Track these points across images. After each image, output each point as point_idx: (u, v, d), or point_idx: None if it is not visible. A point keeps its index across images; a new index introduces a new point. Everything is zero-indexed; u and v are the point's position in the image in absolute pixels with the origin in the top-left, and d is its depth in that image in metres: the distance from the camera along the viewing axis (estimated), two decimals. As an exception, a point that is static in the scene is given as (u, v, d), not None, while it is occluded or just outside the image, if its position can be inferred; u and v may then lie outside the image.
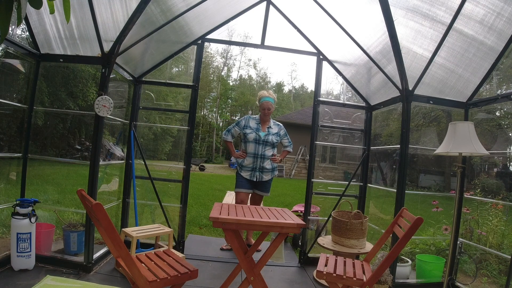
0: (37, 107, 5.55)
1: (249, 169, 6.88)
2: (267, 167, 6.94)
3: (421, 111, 21.34)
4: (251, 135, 6.83)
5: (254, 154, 6.83)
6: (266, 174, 6.97)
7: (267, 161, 6.92)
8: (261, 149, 6.84)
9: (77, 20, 5.01)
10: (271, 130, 6.99)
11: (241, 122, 7.06)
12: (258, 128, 6.91)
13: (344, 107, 6.94)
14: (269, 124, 7.03)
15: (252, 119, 7.04)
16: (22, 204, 4.90)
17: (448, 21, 4.70)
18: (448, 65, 5.30)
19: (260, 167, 6.87)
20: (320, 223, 6.98)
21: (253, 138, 6.81)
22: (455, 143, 4.49)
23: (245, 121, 7.03)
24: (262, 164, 6.87)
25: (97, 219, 3.01)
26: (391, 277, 5.01)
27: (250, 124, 6.97)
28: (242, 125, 7.01)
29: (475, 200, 6.45)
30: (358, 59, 6.24)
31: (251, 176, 6.88)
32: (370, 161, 6.97)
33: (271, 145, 6.93)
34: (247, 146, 6.92)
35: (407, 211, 4.40)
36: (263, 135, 6.86)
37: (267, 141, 6.85)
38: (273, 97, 7.02)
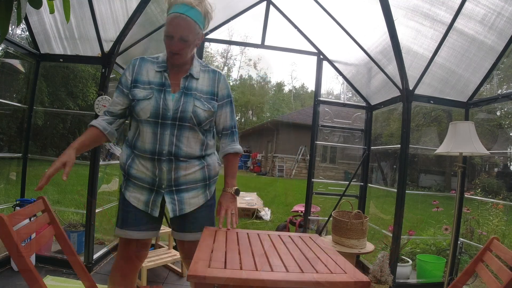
0: (37, 107, 5.54)
1: (143, 186, 2.91)
2: (191, 177, 2.95)
3: (422, 111, 21.41)
4: (145, 103, 2.78)
5: (153, 151, 2.80)
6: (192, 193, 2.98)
7: (189, 165, 2.91)
8: (169, 139, 2.79)
9: (77, 20, 5.01)
10: (195, 85, 2.92)
11: (123, 76, 2.94)
12: (163, 83, 2.84)
13: (344, 107, 6.91)
14: (188, 72, 2.91)
15: (150, 63, 2.92)
16: (22, 204, 4.91)
17: (448, 21, 4.71)
18: (449, 65, 5.30)
19: (170, 181, 2.87)
20: (321, 223, 6.97)
21: (151, 110, 2.77)
22: (456, 143, 4.49)
23: (133, 68, 2.91)
24: (176, 172, 2.86)
25: None
26: (392, 277, 5.01)
27: (145, 74, 2.88)
28: (127, 82, 2.90)
29: (475, 200, 6.45)
30: (358, 59, 6.24)
31: (147, 204, 2.91)
32: (371, 161, 6.96)
33: (196, 124, 2.85)
34: (139, 131, 2.88)
35: (498, 243, 2.83)
36: (174, 98, 2.82)
37: (184, 115, 2.80)
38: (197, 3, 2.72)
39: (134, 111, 2.83)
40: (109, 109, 2.98)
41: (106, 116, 2.99)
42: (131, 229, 2.94)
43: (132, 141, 2.94)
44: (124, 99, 2.92)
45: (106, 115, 2.99)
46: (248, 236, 2.93)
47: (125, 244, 3.00)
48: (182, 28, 2.67)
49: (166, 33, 2.70)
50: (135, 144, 2.90)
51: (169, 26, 2.68)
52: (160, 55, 2.98)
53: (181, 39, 2.69)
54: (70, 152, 2.62)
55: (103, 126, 2.91)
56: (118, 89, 2.96)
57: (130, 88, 2.87)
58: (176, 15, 2.64)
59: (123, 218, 2.98)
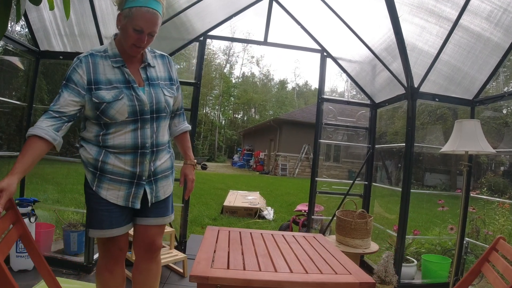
0: (36, 105, 5.56)
1: (122, 181, 2.84)
2: (165, 166, 3.08)
3: (427, 109, 21.39)
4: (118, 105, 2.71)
5: (135, 146, 2.80)
6: (165, 181, 3.11)
7: (162, 154, 3.05)
8: (150, 131, 2.86)
9: (77, 17, 5.01)
10: (155, 73, 2.99)
11: (75, 74, 2.71)
12: (126, 79, 2.79)
13: (348, 104, 6.91)
14: (145, 61, 2.95)
15: (102, 59, 2.79)
16: (21, 203, 4.90)
17: (454, 17, 4.69)
18: (454, 62, 5.29)
19: (151, 171, 2.94)
20: (324, 222, 6.98)
21: (128, 110, 2.73)
22: (461, 141, 4.48)
23: (87, 66, 2.73)
24: (154, 163, 2.96)
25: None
26: (396, 277, 5.01)
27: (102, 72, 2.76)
28: (82, 81, 2.71)
29: (481, 199, 6.45)
30: (362, 56, 6.23)
31: (127, 198, 2.88)
32: (375, 159, 6.95)
33: (168, 112, 3.04)
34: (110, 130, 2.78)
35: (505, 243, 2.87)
36: (145, 92, 2.85)
37: (159, 107, 2.90)
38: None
39: (105, 115, 2.71)
40: (60, 109, 2.68)
41: (53, 119, 2.66)
42: (113, 227, 2.88)
43: (98, 139, 2.81)
44: (80, 100, 2.72)
45: (54, 117, 2.66)
46: (251, 236, 2.97)
47: (108, 243, 2.96)
48: (153, 24, 2.70)
49: (136, 27, 2.65)
50: (106, 142, 2.80)
51: (139, 21, 2.64)
52: (105, 47, 2.88)
53: (150, 34, 2.73)
54: (11, 181, 2.35)
55: (52, 136, 2.62)
56: (68, 88, 2.71)
57: (87, 90, 2.71)
58: (149, 10, 2.63)
59: (100, 218, 2.87)
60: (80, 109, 2.76)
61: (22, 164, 2.47)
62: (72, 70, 2.72)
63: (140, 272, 3.16)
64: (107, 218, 2.85)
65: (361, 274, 2.35)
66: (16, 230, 2.44)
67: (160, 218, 3.10)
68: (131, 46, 2.75)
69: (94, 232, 2.87)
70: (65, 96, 2.68)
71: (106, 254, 3.01)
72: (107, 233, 2.86)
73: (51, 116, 2.65)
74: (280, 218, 11.09)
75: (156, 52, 3.14)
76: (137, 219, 3.06)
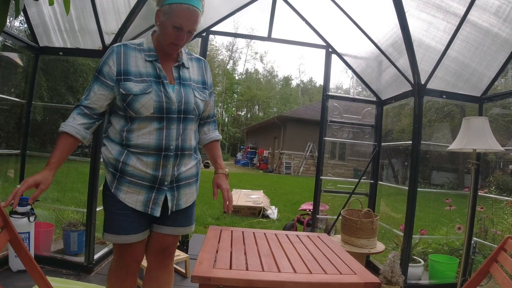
0: (36, 102, 5.56)
1: (142, 184, 2.74)
2: (189, 173, 2.96)
3: (434, 106, 21.34)
4: (145, 98, 2.63)
5: (159, 148, 2.70)
6: (188, 189, 2.99)
7: (188, 160, 2.94)
8: (176, 133, 2.75)
9: (77, 12, 5.01)
10: (188, 74, 2.93)
11: (105, 66, 2.68)
12: (157, 74, 2.74)
13: (354, 101, 6.90)
14: (179, 61, 2.89)
15: (135, 51, 2.75)
16: (20, 202, 4.89)
17: (461, 13, 4.68)
18: (462, 58, 5.28)
19: (174, 177, 2.83)
20: (329, 222, 6.97)
21: (154, 106, 2.65)
22: (469, 139, 4.48)
23: (118, 57, 2.69)
24: (178, 168, 2.85)
25: None
26: (403, 278, 5.00)
27: (133, 64, 2.71)
28: (111, 73, 2.67)
29: (489, 198, 6.43)
30: (368, 52, 6.23)
31: (147, 203, 2.77)
32: (381, 157, 6.95)
33: (197, 115, 2.93)
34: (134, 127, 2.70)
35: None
36: (175, 90, 2.77)
37: (188, 107, 2.80)
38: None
39: (131, 108, 2.64)
40: (90, 105, 2.72)
41: (85, 116, 2.72)
42: (129, 233, 2.77)
43: (122, 137, 2.74)
44: (109, 93, 2.71)
45: (85, 115, 2.71)
46: (254, 236, 2.95)
47: (122, 250, 2.85)
48: (193, 22, 2.65)
49: (175, 24, 2.59)
50: (129, 140, 2.71)
51: (179, 18, 2.58)
52: (142, 41, 2.83)
53: (190, 31, 2.69)
54: (47, 175, 2.52)
55: (82, 135, 2.70)
56: (98, 81, 2.71)
57: (116, 81, 2.67)
58: (189, 7, 2.57)
59: (116, 223, 2.78)
60: (110, 102, 2.77)
61: (58, 159, 2.60)
62: (104, 61, 2.70)
63: (151, 279, 3.09)
64: (123, 223, 2.76)
65: (366, 274, 2.33)
66: (5, 235, 2.42)
67: (179, 228, 3.01)
68: (170, 44, 2.71)
69: (108, 237, 2.79)
70: (95, 90, 2.70)
71: (119, 261, 2.92)
72: (122, 239, 2.76)
73: (83, 112, 2.70)
74: (284, 218, 11.11)
75: (192, 55, 3.10)
76: (153, 225, 2.96)
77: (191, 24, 2.64)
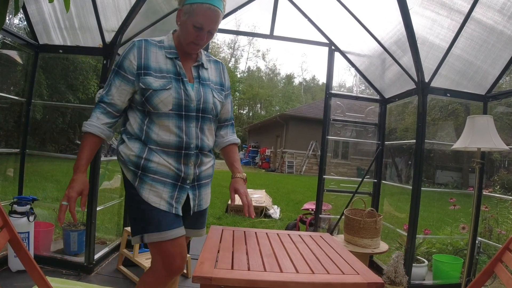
0: (35, 100, 5.54)
1: (166, 182, 2.69)
2: (207, 172, 2.98)
3: (438, 104, 21.34)
4: (165, 94, 2.64)
5: (179, 146, 2.69)
6: (208, 189, 3.06)
7: (207, 159, 2.95)
8: (195, 132, 2.76)
9: (77, 9, 5.02)
10: (207, 75, 2.96)
11: (125, 61, 2.69)
12: (177, 71, 2.76)
13: (357, 100, 6.90)
14: (200, 61, 2.92)
15: (156, 47, 2.78)
16: (19, 202, 4.90)
17: (466, 10, 4.67)
18: (466, 56, 5.28)
19: (196, 175, 2.84)
20: (332, 221, 6.97)
21: (173, 102, 2.66)
22: (474, 138, 4.47)
23: (139, 52, 2.70)
24: (199, 167, 2.86)
25: None
26: (407, 278, 5.01)
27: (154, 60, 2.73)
28: (132, 67, 2.67)
29: (494, 197, 6.43)
30: (371, 50, 6.22)
31: (171, 201, 2.69)
32: (385, 156, 6.94)
33: (215, 115, 2.95)
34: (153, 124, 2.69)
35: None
36: (194, 88, 2.79)
37: (206, 107, 2.81)
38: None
39: (150, 103, 2.63)
40: (112, 101, 2.68)
41: (108, 115, 2.69)
42: (173, 227, 2.65)
43: (142, 134, 2.70)
44: (131, 88, 2.69)
45: (108, 113, 2.69)
46: (256, 236, 2.94)
47: (170, 246, 2.65)
48: (214, 22, 2.66)
49: (196, 23, 2.61)
50: (150, 137, 2.67)
51: (200, 17, 2.59)
52: (163, 39, 2.86)
53: (210, 32, 2.70)
54: (83, 178, 2.57)
55: (106, 135, 2.71)
56: (119, 76, 2.69)
57: (137, 75, 2.66)
58: (210, 7, 2.57)
59: (156, 218, 2.63)
60: (130, 98, 2.76)
61: (87, 161, 2.63)
62: (124, 56, 2.70)
63: None
64: (163, 217, 2.64)
65: (369, 274, 2.31)
66: (4, 235, 2.38)
67: (196, 230, 3.02)
68: (190, 43, 2.72)
69: (152, 237, 2.60)
70: (116, 85, 2.68)
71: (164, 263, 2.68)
72: (168, 235, 2.62)
73: (106, 111, 2.68)
74: (287, 217, 11.12)
75: (211, 57, 3.13)
76: None
77: (212, 24, 2.66)
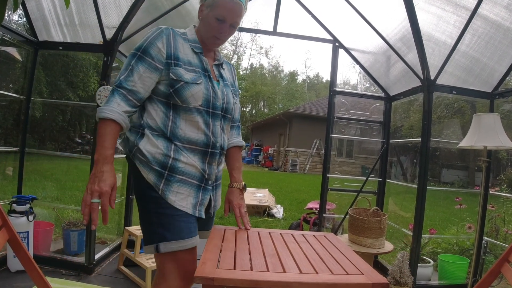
0: (35, 98, 5.54)
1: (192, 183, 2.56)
2: (221, 172, 2.94)
3: (444, 102, 21.33)
4: (196, 88, 2.52)
5: (206, 144, 2.60)
6: (219, 189, 2.98)
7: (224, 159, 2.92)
8: (220, 130, 2.71)
9: (77, 5, 5.02)
10: (225, 75, 2.92)
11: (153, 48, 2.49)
12: (204, 67, 2.67)
13: (361, 97, 6.88)
14: (220, 60, 2.91)
15: (181, 39, 2.68)
16: (19, 201, 4.90)
17: (472, 6, 4.66)
18: (472, 53, 5.27)
19: (216, 175, 2.78)
20: (336, 221, 6.96)
21: (203, 98, 2.56)
22: (480, 136, 4.47)
23: (168, 40, 2.56)
24: (218, 167, 2.81)
25: None
26: (412, 279, 5.00)
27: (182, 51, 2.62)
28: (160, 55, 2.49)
29: (501, 196, 6.42)
30: (376, 47, 6.21)
31: (195, 205, 2.58)
32: (390, 155, 6.93)
33: (232, 116, 2.91)
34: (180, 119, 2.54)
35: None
36: (219, 87, 2.74)
37: (228, 107, 2.78)
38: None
39: (179, 95, 2.48)
40: (133, 88, 2.43)
41: (128, 103, 2.42)
42: (192, 235, 2.53)
43: (166, 129, 2.51)
44: (157, 76, 2.50)
45: (128, 101, 2.42)
46: (259, 235, 2.91)
47: (188, 255, 2.56)
48: (236, 15, 2.61)
49: (218, 16, 2.55)
50: (175, 134, 2.51)
51: (224, 10, 2.55)
52: (185, 31, 2.77)
53: (232, 25, 2.66)
54: (114, 171, 2.34)
55: (127, 125, 2.45)
56: (144, 62, 2.47)
57: (166, 64, 2.50)
58: (234, 1, 2.55)
59: (178, 226, 2.47)
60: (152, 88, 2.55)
61: (113, 150, 2.36)
62: (150, 42, 2.51)
63: None
64: (185, 224, 2.50)
65: (374, 274, 2.25)
66: (3, 234, 2.37)
67: (206, 231, 2.92)
68: (211, 37, 2.68)
69: (172, 245, 2.43)
70: (140, 71, 2.45)
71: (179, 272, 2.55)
72: (189, 243, 2.50)
73: (126, 98, 2.41)
74: (290, 217, 11.11)
75: (222, 58, 3.01)
76: None
77: (235, 17, 2.61)
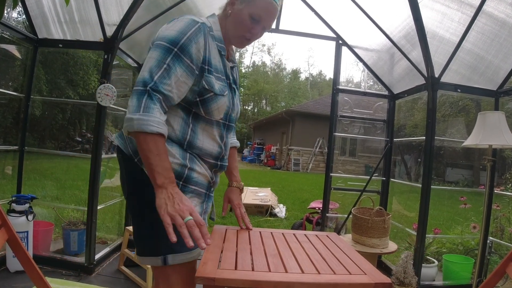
0: (34, 96, 5.55)
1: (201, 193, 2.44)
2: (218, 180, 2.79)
3: (448, 100, 21.29)
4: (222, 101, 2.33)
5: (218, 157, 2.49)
6: None
7: None
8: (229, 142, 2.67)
9: (77, 2, 5.02)
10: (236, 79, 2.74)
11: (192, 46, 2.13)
12: (227, 74, 2.46)
13: (365, 95, 6.87)
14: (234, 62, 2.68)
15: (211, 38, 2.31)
16: (18, 200, 4.91)
17: (477, 3, 4.65)
18: (477, 51, 5.26)
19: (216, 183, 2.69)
20: (339, 220, 6.96)
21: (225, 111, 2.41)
22: (485, 135, 4.46)
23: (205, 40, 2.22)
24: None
25: None
26: (416, 279, 5.00)
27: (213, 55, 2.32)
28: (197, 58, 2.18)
29: (506, 196, 6.41)
30: (380, 44, 6.20)
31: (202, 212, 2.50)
32: (393, 154, 6.92)
33: None
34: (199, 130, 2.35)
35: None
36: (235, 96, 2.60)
37: (237, 117, 2.72)
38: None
39: (205, 106, 2.28)
40: (169, 94, 2.09)
41: (163, 110, 2.07)
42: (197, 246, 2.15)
43: (185, 138, 2.30)
44: (190, 82, 2.20)
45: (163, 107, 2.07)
46: (261, 235, 2.90)
47: (192, 265, 2.40)
48: (272, 17, 2.40)
49: (254, 14, 2.31)
50: (192, 143, 2.32)
51: (261, 9, 2.32)
52: (211, 24, 2.38)
53: (264, 28, 2.44)
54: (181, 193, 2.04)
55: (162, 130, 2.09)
56: (183, 63, 2.13)
57: (201, 69, 2.23)
58: (273, 3, 2.33)
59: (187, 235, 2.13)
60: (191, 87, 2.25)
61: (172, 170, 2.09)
62: (190, 39, 2.16)
63: None
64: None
65: (377, 274, 2.24)
66: (3, 234, 2.37)
67: None
68: (241, 37, 2.43)
69: (179, 257, 2.25)
70: (178, 75, 2.11)
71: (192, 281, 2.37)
72: (195, 254, 2.35)
73: (162, 106, 2.05)
74: (293, 216, 11.11)
75: None
76: None
77: (269, 19, 2.40)
